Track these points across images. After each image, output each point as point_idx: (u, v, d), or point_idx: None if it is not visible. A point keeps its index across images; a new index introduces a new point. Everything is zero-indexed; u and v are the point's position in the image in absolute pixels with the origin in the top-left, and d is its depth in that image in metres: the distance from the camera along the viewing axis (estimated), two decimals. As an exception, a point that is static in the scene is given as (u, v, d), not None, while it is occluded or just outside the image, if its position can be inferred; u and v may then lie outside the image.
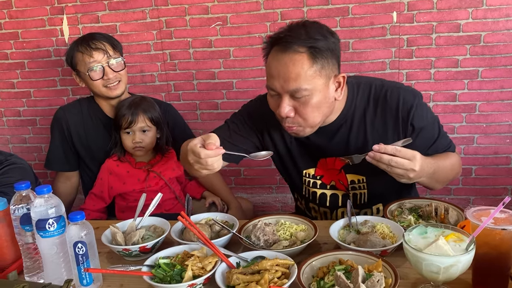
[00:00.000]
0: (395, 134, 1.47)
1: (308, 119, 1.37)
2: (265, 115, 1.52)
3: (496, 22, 2.10)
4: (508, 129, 2.24)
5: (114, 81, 1.98)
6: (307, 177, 1.61)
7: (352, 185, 1.56)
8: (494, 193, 2.34)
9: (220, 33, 2.35)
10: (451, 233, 1.10)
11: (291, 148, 1.57)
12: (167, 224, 1.47)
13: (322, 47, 1.29)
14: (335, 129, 1.50)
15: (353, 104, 1.48)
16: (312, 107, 1.34)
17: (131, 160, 2.01)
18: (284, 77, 1.30)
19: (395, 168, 1.26)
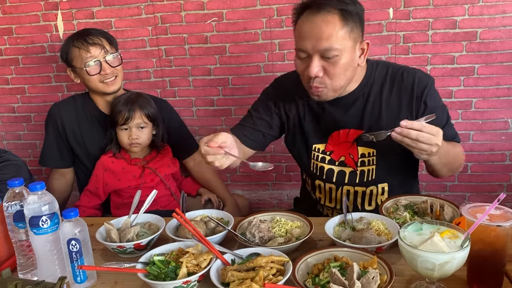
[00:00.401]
0: (408, 112, 1.54)
1: (335, 79, 1.44)
2: (281, 94, 1.65)
3: (493, 18, 2.10)
4: (503, 126, 2.24)
5: (111, 76, 1.98)
6: (316, 151, 1.65)
7: (362, 158, 1.60)
8: (489, 189, 2.35)
9: (216, 29, 2.33)
10: (446, 230, 1.10)
11: (304, 124, 1.64)
12: (162, 221, 1.46)
13: (352, 10, 1.39)
14: (351, 101, 1.57)
15: (371, 79, 1.57)
16: (340, 68, 1.41)
17: (127, 157, 2.00)
18: (316, 37, 1.37)
19: (420, 143, 1.28)
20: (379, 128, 1.49)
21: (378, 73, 1.58)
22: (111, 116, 1.96)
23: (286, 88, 1.66)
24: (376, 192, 1.64)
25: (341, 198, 1.64)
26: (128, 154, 2.01)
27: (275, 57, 2.32)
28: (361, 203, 1.65)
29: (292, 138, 1.70)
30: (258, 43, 2.31)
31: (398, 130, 1.28)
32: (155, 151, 2.05)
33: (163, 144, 2.08)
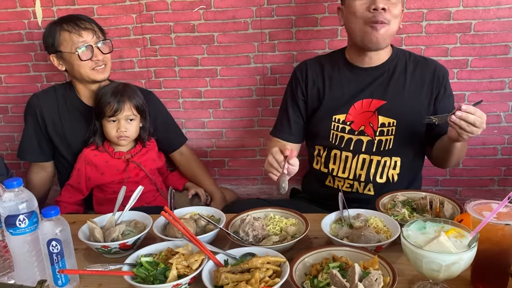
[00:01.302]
0: (429, 90, 1.70)
1: (394, 19, 1.59)
2: (302, 79, 1.80)
3: (487, 10, 2.05)
4: (496, 120, 2.21)
5: (102, 63, 1.92)
6: (337, 122, 1.73)
7: (381, 128, 1.69)
8: (481, 184, 2.32)
9: (204, 17, 2.24)
10: (451, 228, 1.06)
11: (325, 96, 1.75)
12: (148, 218, 1.39)
13: None
14: (379, 73, 1.72)
15: (397, 57, 1.74)
16: (398, 9, 1.60)
17: (110, 150, 1.92)
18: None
19: (473, 127, 1.37)
20: (401, 100, 1.68)
21: (401, 54, 1.75)
22: (97, 107, 1.88)
23: (307, 70, 1.80)
24: (389, 165, 1.70)
25: (356, 167, 1.71)
26: (111, 147, 1.93)
27: (265, 48, 2.24)
28: (373, 174, 1.70)
29: (311, 113, 1.79)
30: (247, 32, 2.22)
31: (459, 113, 1.35)
32: (140, 144, 1.97)
33: (149, 138, 2.01)
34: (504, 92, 2.16)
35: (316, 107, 1.78)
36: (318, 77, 1.78)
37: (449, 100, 1.74)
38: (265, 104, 2.34)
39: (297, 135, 1.84)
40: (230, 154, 2.46)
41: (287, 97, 1.86)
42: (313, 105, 1.79)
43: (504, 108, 2.19)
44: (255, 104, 2.36)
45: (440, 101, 1.71)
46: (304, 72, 1.81)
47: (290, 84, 1.86)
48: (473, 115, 1.36)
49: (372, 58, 1.70)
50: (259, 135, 2.39)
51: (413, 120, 1.67)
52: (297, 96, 1.81)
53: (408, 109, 1.68)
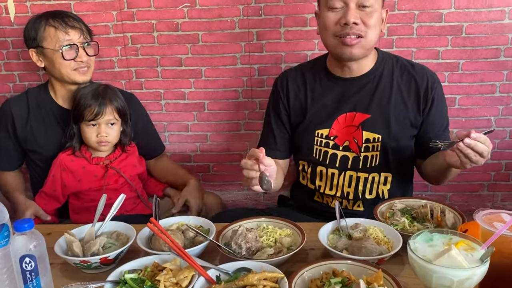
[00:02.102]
0: (415, 103, 1.58)
1: (371, 30, 1.47)
2: (283, 90, 1.69)
3: (479, 12, 2.02)
4: (486, 124, 2.19)
5: (85, 65, 1.82)
6: (320, 137, 1.63)
7: (366, 144, 1.58)
8: (471, 189, 2.29)
9: (188, 15, 2.15)
10: (460, 241, 0.99)
11: (308, 110, 1.64)
12: (132, 230, 1.28)
13: None
14: (363, 83, 1.59)
15: (383, 63, 1.61)
16: (375, 18, 1.47)
17: (87, 155, 1.80)
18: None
19: (480, 157, 1.26)
20: (387, 113, 1.56)
21: (388, 60, 1.62)
22: (76, 110, 1.76)
23: (287, 82, 1.69)
24: (378, 180, 1.61)
25: (343, 184, 1.62)
26: (89, 152, 1.81)
27: (253, 48, 2.16)
28: (362, 191, 1.61)
29: (295, 127, 1.69)
30: (234, 32, 2.14)
31: (468, 141, 1.23)
32: (120, 149, 1.86)
33: (130, 142, 1.90)
34: (495, 96, 2.14)
35: (299, 121, 1.67)
36: (300, 89, 1.67)
37: (439, 111, 1.61)
38: (252, 107, 2.26)
39: (284, 150, 1.73)
40: (215, 159, 2.37)
41: (269, 110, 1.74)
42: (296, 119, 1.68)
43: (495, 112, 2.17)
44: (241, 107, 2.27)
45: (428, 113, 1.59)
46: (285, 84, 1.69)
47: (272, 96, 1.75)
48: (483, 144, 1.25)
49: (353, 69, 1.58)
50: (246, 138, 2.31)
51: (400, 134, 1.57)
52: (279, 110, 1.70)
53: (394, 123, 1.57)
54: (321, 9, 1.53)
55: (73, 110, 1.79)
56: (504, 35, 2.05)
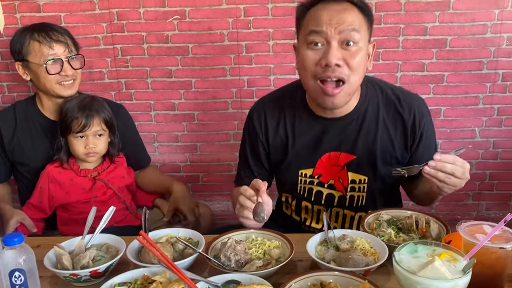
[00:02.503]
0: (402, 141, 1.48)
1: (355, 70, 1.30)
2: (262, 128, 1.53)
3: (462, 26, 2.08)
4: (470, 135, 2.24)
5: (70, 79, 1.81)
6: (303, 176, 1.53)
7: (352, 184, 1.50)
8: (456, 198, 2.34)
9: (178, 28, 2.17)
10: (443, 252, 1.01)
11: (290, 149, 1.52)
12: (121, 242, 1.28)
13: (368, 6, 1.34)
14: (347, 123, 1.47)
15: (367, 100, 1.47)
16: (359, 58, 1.30)
17: (75, 167, 1.80)
18: (338, 20, 1.27)
19: (454, 178, 1.21)
20: (373, 153, 1.46)
21: (371, 94, 1.48)
22: (63, 122, 1.76)
23: (266, 119, 1.53)
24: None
25: (330, 219, 1.54)
26: (77, 165, 1.81)
27: (242, 60, 2.19)
28: (349, 227, 1.56)
29: (276, 166, 1.58)
30: (224, 44, 2.17)
31: (433, 163, 1.20)
32: (108, 160, 1.87)
33: (118, 153, 1.90)
34: (479, 107, 2.20)
35: (280, 159, 1.55)
36: (279, 126, 1.52)
37: (427, 145, 1.51)
38: (241, 118, 2.28)
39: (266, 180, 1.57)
40: (205, 169, 2.39)
41: (245, 143, 1.60)
42: (277, 157, 1.55)
43: (479, 123, 2.22)
44: (231, 117, 2.30)
45: (416, 149, 1.49)
46: (263, 120, 1.53)
47: (248, 131, 1.59)
48: (451, 164, 1.19)
49: (335, 110, 1.43)
50: (235, 149, 2.31)
51: (386, 174, 1.47)
52: (258, 149, 1.56)
53: (381, 164, 1.47)
54: (300, 45, 1.37)
55: (60, 122, 1.79)
56: (486, 48, 2.10)
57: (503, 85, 2.15)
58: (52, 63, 1.77)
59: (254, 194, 1.26)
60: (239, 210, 1.30)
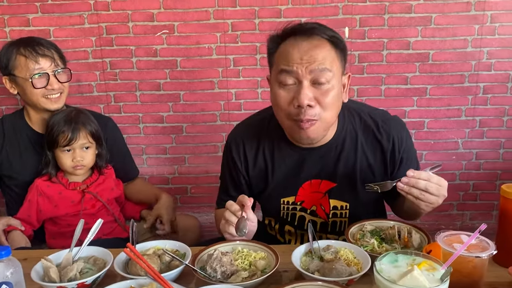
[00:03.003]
0: (382, 168, 1.47)
1: (328, 110, 1.30)
2: (242, 159, 1.51)
3: (444, 41, 2.14)
4: (453, 146, 2.29)
5: (57, 92, 1.81)
6: (286, 204, 1.53)
7: (334, 211, 1.50)
8: (440, 209, 2.34)
9: (167, 42, 2.20)
10: (423, 261, 1.04)
11: (271, 178, 1.50)
12: (109, 255, 1.29)
13: (340, 39, 1.31)
14: (324, 152, 1.45)
15: (344, 129, 1.45)
16: (332, 97, 1.28)
17: (64, 181, 1.81)
18: (309, 59, 1.25)
19: (429, 195, 1.21)
20: (353, 180, 1.45)
21: (348, 122, 1.46)
22: (49, 137, 1.77)
23: (244, 150, 1.51)
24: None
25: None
26: (65, 178, 1.82)
27: (230, 73, 2.23)
28: None
29: (258, 194, 1.56)
30: (212, 58, 2.21)
31: (405, 179, 1.20)
32: (96, 172, 1.88)
33: (106, 164, 1.91)
34: (461, 119, 2.25)
35: (261, 189, 1.53)
36: (258, 156, 1.50)
37: (409, 164, 1.45)
38: (229, 130, 2.28)
39: None
40: (193, 181, 2.41)
41: (225, 171, 1.57)
42: (258, 187, 1.53)
43: (461, 135, 2.27)
44: (219, 130, 2.32)
45: (397, 174, 1.45)
46: (241, 152, 1.51)
47: (227, 159, 1.56)
48: (425, 180, 1.19)
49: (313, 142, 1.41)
50: (223, 161, 2.35)
51: (368, 200, 1.48)
52: (237, 179, 1.54)
53: (361, 190, 1.45)
54: (272, 81, 1.35)
55: (46, 137, 1.79)
56: (467, 62, 2.17)
57: (484, 98, 2.21)
58: (38, 77, 1.77)
59: (239, 209, 1.27)
60: (223, 226, 1.30)
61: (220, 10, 2.15)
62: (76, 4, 2.16)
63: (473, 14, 2.11)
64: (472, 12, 2.10)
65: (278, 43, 1.32)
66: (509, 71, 2.17)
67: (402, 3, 2.11)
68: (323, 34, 1.28)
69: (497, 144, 2.28)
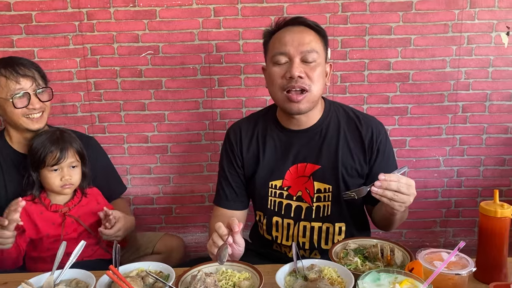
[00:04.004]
0: (361, 155, 1.61)
1: (315, 83, 1.51)
2: (236, 143, 1.69)
3: (423, 61, 2.20)
4: (435, 164, 2.33)
5: (38, 111, 1.79)
6: (273, 188, 1.65)
7: (317, 194, 1.61)
8: (424, 226, 2.41)
9: (152, 62, 2.22)
10: (404, 280, 1.06)
11: (261, 162, 1.65)
12: (91, 277, 1.28)
13: (322, 29, 1.58)
14: (310, 136, 1.62)
15: (329, 116, 1.63)
16: (318, 72, 1.51)
17: (46, 202, 1.78)
18: (298, 41, 1.50)
19: (402, 194, 1.31)
20: (335, 164, 1.59)
21: (334, 111, 1.64)
22: (35, 157, 1.75)
23: (241, 134, 1.69)
24: (332, 231, 1.63)
25: (298, 234, 1.64)
26: (48, 199, 1.79)
27: (215, 93, 2.25)
28: (317, 240, 1.64)
29: (249, 179, 1.69)
30: (196, 78, 2.23)
31: (378, 183, 1.30)
32: (78, 194, 1.85)
33: (89, 186, 1.89)
34: (442, 137, 2.30)
35: (252, 172, 1.68)
36: (252, 141, 1.67)
37: (384, 162, 1.62)
38: (214, 149, 2.32)
39: (243, 200, 1.72)
40: (178, 201, 2.40)
41: (223, 162, 1.73)
42: (250, 171, 1.68)
43: (442, 152, 2.32)
44: (204, 149, 2.33)
45: (374, 164, 1.61)
46: (238, 135, 1.69)
47: (225, 149, 1.73)
48: (396, 182, 1.30)
49: (301, 121, 1.60)
50: (209, 180, 2.35)
51: (349, 184, 1.59)
52: (234, 163, 1.69)
53: (343, 173, 1.59)
54: (268, 65, 1.58)
55: (31, 157, 1.77)
56: (446, 82, 2.22)
57: (463, 116, 2.27)
58: (19, 97, 1.75)
59: (227, 234, 1.30)
60: (210, 246, 1.34)
61: (204, 31, 2.18)
62: (61, 25, 2.17)
63: (450, 36, 2.17)
64: (449, 34, 2.17)
65: (272, 33, 1.58)
66: (486, 90, 2.23)
67: (382, 25, 2.17)
68: (309, 25, 1.55)
69: (477, 161, 2.33)
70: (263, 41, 1.63)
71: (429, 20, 2.16)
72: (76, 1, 2.15)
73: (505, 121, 2.27)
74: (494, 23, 2.16)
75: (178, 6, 2.16)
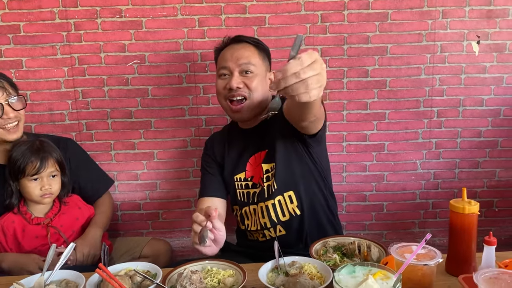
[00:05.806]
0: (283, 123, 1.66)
1: (254, 91, 1.71)
2: (212, 147, 1.94)
3: (399, 69, 2.30)
4: (412, 167, 2.42)
5: (14, 121, 1.80)
6: (239, 181, 1.85)
7: (266, 174, 1.78)
8: (404, 227, 2.49)
9: (138, 71, 2.28)
10: (378, 271, 1.13)
11: (226, 159, 1.88)
12: (81, 277, 1.33)
13: (263, 45, 1.82)
14: (260, 130, 1.81)
15: None
16: (256, 81, 1.71)
17: (28, 216, 1.81)
18: (237, 57, 1.72)
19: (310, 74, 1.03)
20: (276, 142, 1.73)
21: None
22: (15, 167, 1.77)
23: (213, 142, 1.96)
24: (284, 202, 1.76)
25: (259, 217, 1.79)
26: (29, 213, 1.82)
27: (200, 101, 2.32)
28: (275, 217, 1.77)
29: (223, 177, 1.89)
30: (182, 86, 2.29)
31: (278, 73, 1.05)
32: (57, 204, 1.88)
33: (68, 194, 1.93)
34: (418, 141, 2.39)
35: (221, 172, 1.90)
36: (220, 145, 1.92)
37: None
38: (200, 155, 2.35)
39: (221, 189, 1.88)
40: (165, 206, 2.45)
41: (204, 165, 1.94)
42: (220, 170, 1.90)
43: (419, 156, 2.41)
44: (190, 155, 2.39)
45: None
46: (212, 143, 1.96)
47: (204, 155, 1.98)
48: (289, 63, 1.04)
49: (251, 121, 1.82)
50: (194, 185, 2.41)
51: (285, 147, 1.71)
52: (212, 164, 1.92)
53: (281, 147, 1.72)
54: (216, 78, 1.80)
55: (11, 167, 1.78)
56: (422, 88, 2.33)
57: (438, 121, 2.37)
58: None
59: (204, 220, 1.38)
60: (193, 237, 1.42)
61: (189, 41, 2.25)
62: (48, 35, 2.22)
63: (424, 45, 2.28)
64: (424, 43, 2.27)
65: (220, 50, 1.83)
66: (460, 96, 2.34)
67: (359, 35, 2.26)
68: (249, 41, 1.78)
69: (453, 164, 2.43)
70: (214, 57, 1.88)
71: (404, 30, 2.26)
72: (64, 12, 2.20)
73: (478, 125, 2.38)
74: (465, 32, 2.27)
75: (164, 16, 2.23)
